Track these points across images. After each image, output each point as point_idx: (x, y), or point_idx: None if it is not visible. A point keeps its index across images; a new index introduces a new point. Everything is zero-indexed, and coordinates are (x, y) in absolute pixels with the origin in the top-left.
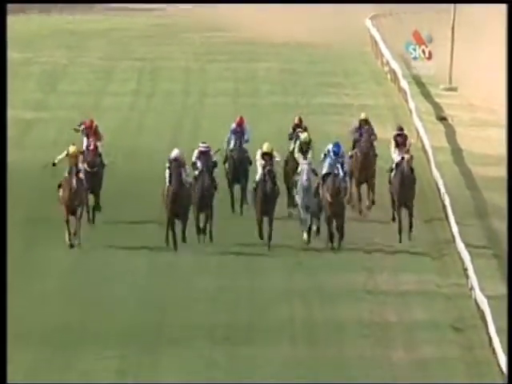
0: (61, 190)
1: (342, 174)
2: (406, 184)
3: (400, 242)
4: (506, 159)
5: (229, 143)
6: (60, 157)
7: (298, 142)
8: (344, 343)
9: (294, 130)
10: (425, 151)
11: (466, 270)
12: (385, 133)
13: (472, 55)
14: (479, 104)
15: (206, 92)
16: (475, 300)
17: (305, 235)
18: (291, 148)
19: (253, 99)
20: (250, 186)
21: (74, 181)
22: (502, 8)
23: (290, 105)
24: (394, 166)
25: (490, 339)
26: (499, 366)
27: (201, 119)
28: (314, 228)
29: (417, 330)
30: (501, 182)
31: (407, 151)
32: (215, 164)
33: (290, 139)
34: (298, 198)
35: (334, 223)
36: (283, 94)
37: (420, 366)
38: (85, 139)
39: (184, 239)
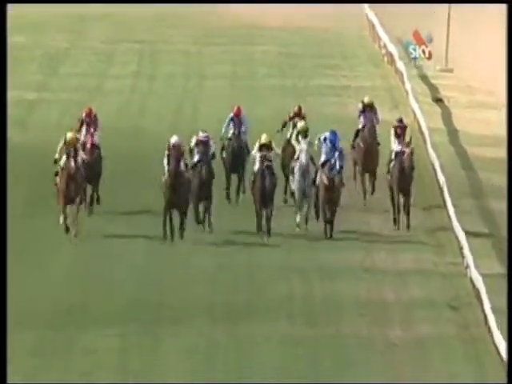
0: (57, 178)
1: (338, 167)
2: (405, 174)
3: (398, 229)
4: (506, 142)
5: (227, 131)
6: (59, 148)
7: (294, 130)
8: (342, 321)
9: (292, 118)
10: (421, 132)
11: (461, 248)
12: (382, 114)
13: (468, 37)
14: (475, 85)
15: (205, 75)
16: (471, 278)
17: (298, 218)
18: (288, 135)
19: (250, 82)
20: (248, 176)
21: (73, 164)
22: None
23: (287, 87)
24: (393, 156)
25: (486, 317)
26: (494, 343)
27: (200, 101)
28: (308, 213)
29: (414, 308)
30: (496, 163)
31: (408, 144)
32: (213, 156)
33: (284, 127)
34: (295, 182)
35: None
36: (281, 76)
37: (417, 344)
38: (84, 128)
39: (182, 235)
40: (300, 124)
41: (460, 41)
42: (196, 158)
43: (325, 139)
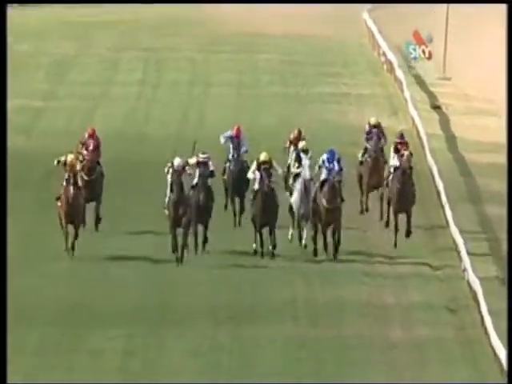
0: (59, 202)
1: (336, 168)
2: (404, 189)
3: (395, 246)
4: (506, 148)
5: (228, 152)
6: (61, 158)
7: (294, 153)
8: (344, 323)
9: (292, 142)
10: (419, 138)
11: (459, 252)
12: (381, 120)
13: (466, 45)
14: (473, 93)
15: (209, 82)
16: (468, 281)
17: (290, 233)
18: (288, 161)
19: (254, 90)
20: (249, 196)
21: (72, 190)
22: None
23: (290, 94)
24: (392, 170)
25: (482, 319)
26: (491, 345)
27: (205, 108)
28: (307, 234)
29: (413, 310)
30: (494, 168)
31: (406, 148)
32: (213, 174)
33: (284, 150)
34: (294, 203)
35: (330, 231)
36: (283, 84)
37: (416, 345)
38: (85, 148)
39: (185, 247)
40: (301, 144)
41: (457, 49)
42: (195, 180)
43: (323, 161)
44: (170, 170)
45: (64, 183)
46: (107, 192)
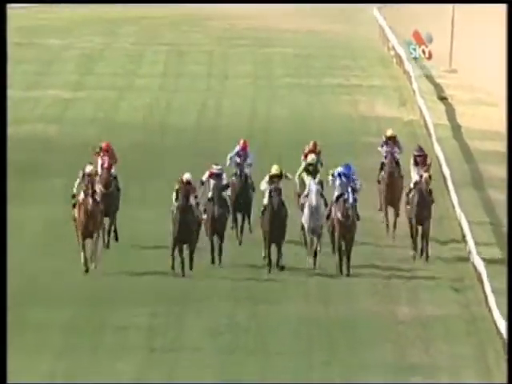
0: (75, 211)
1: (351, 200)
2: (423, 205)
3: (414, 259)
4: (507, 138)
5: (232, 162)
6: (77, 184)
7: (303, 164)
8: (353, 301)
9: (307, 155)
10: (427, 128)
11: (464, 236)
12: (390, 110)
13: (471, 39)
14: (477, 85)
15: (227, 74)
16: (473, 263)
17: (310, 260)
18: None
19: (269, 81)
20: (255, 213)
21: (91, 202)
22: None
23: (302, 86)
24: (412, 185)
25: (486, 298)
26: (494, 322)
27: (223, 99)
28: (317, 249)
29: (420, 290)
30: (497, 156)
31: (427, 169)
32: (227, 186)
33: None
34: (305, 221)
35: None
36: (296, 76)
37: (422, 322)
38: (99, 161)
39: (191, 266)
40: (310, 157)
41: (463, 43)
42: (210, 193)
43: (339, 174)
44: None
45: (82, 195)
46: (131, 178)
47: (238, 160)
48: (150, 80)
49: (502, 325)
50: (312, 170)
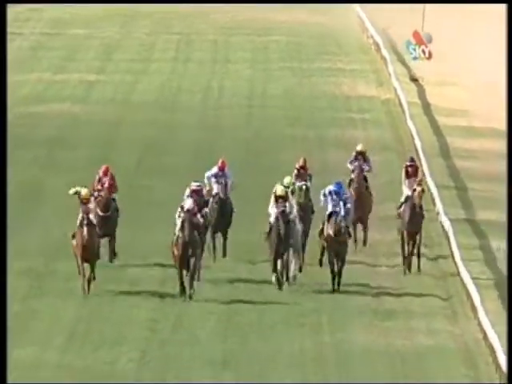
0: (74, 241)
1: (342, 213)
2: (415, 220)
3: (404, 274)
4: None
5: (210, 182)
6: (75, 189)
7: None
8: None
9: (298, 172)
10: (401, 105)
11: (433, 199)
12: (369, 90)
13: (441, 27)
14: (445, 69)
15: (229, 59)
16: (441, 222)
17: (290, 273)
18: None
19: (265, 65)
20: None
21: (86, 231)
22: None
23: (294, 69)
24: (403, 199)
25: (452, 253)
26: (459, 275)
27: (225, 81)
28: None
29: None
30: (461, 129)
31: (419, 183)
32: (206, 203)
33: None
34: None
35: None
36: (289, 60)
37: (397, 272)
38: (99, 184)
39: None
40: (286, 180)
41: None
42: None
43: (330, 193)
44: (181, 214)
45: (78, 224)
46: (147, 151)
47: (215, 182)
48: (162, 65)
49: (467, 277)
50: (292, 190)
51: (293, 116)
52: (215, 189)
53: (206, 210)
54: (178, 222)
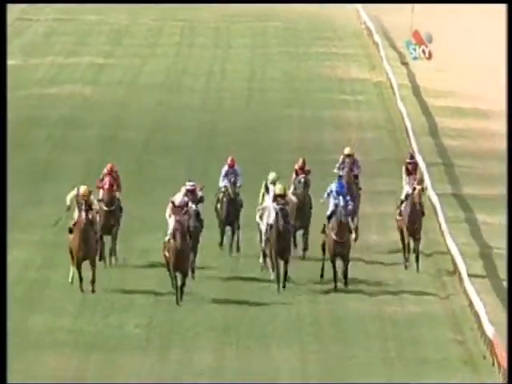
0: (71, 236)
1: (342, 209)
2: (415, 217)
3: (406, 268)
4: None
5: (222, 182)
6: (70, 197)
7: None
8: None
9: (297, 172)
10: (392, 87)
11: (422, 174)
12: (362, 74)
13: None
14: (433, 53)
15: (230, 45)
16: (428, 196)
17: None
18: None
19: (264, 50)
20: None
21: (84, 216)
22: None
23: (292, 53)
24: (403, 197)
25: (440, 225)
26: (446, 244)
27: (227, 64)
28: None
29: (387, 218)
30: (448, 110)
31: (419, 182)
32: (201, 199)
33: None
34: (263, 233)
35: (338, 263)
36: (287, 45)
37: (390, 245)
38: (104, 182)
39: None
40: (271, 175)
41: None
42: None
43: (331, 191)
44: (171, 210)
45: (76, 212)
46: (155, 130)
47: (226, 181)
48: (167, 49)
49: (454, 247)
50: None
51: (290, 97)
52: (225, 184)
53: (195, 207)
54: (170, 222)
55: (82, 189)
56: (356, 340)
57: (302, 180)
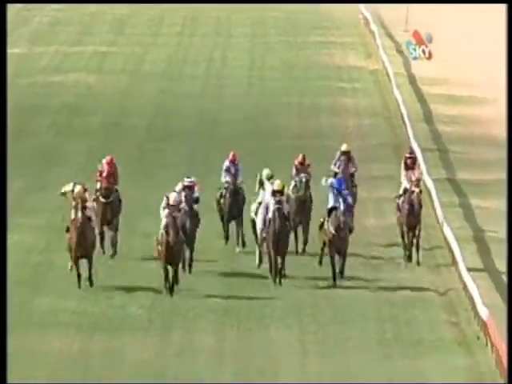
0: (68, 235)
1: (342, 208)
2: (414, 212)
3: (406, 263)
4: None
5: (225, 178)
6: (66, 188)
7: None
8: None
9: (297, 168)
10: (388, 75)
11: (418, 164)
12: (359, 62)
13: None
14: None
15: (230, 34)
16: (424, 182)
17: (257, 255)
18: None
19: (264, 39)
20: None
21: (80, 215)
22: None
23: (290, 42)
24: (402, 192)
25: (434, 209)
26: (442, 230)
27: (227, 53)
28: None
29: (384, 203)
30: (443, 97)
31: (417, 183)
32: (197, 200)
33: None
34: (258, 223)
35: (337, 259)
36: (286, 34)
37: (386, 229)
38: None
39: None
40: (264, 172)
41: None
42: (182, 205)
43: (332, 186)
44: (165, 206)
45: (73, 212)
46: (157, 116)
47: (228, 177)
48: (169, 38)
49: (448, 232)
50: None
51: (289, 85)
52: (227, 179)
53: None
54: (163, 217)
55: (77, 189)
56: (353, 321)
57: (304, 180)
